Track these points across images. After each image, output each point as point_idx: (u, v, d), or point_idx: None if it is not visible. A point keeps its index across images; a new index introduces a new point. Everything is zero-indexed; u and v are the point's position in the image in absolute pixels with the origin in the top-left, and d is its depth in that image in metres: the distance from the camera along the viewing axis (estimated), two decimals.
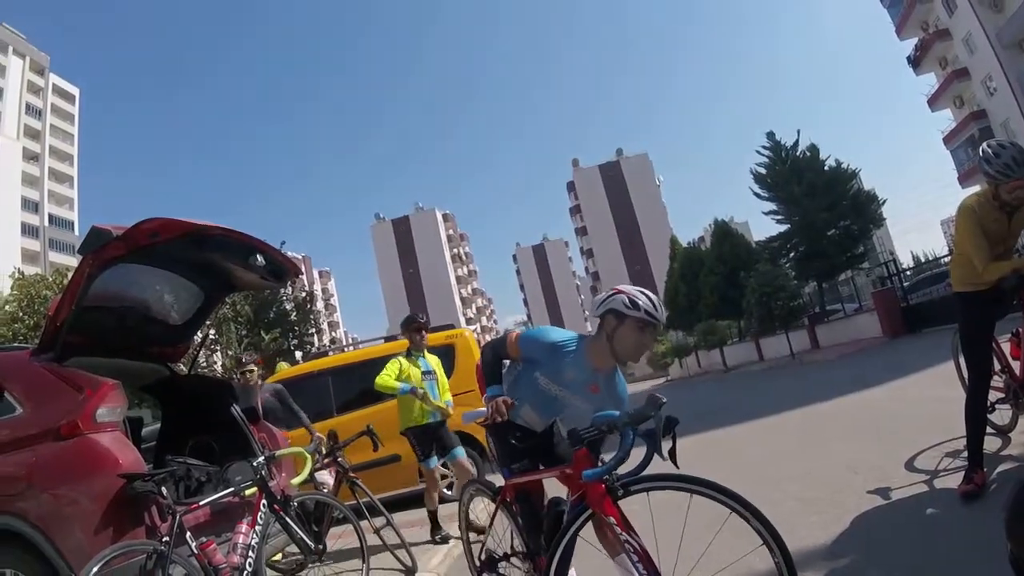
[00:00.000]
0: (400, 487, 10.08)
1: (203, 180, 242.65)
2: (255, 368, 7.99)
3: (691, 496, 2.84)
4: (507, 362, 4.10)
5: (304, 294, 32.12)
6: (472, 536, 4.60)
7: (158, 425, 6.63)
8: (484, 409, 3.78)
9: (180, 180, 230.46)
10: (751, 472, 7.13)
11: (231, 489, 4.55)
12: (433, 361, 7.57)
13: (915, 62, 53.51)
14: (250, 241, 5.20)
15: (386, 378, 7.01)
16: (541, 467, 3.86)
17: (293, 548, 5.04)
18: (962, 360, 5.21)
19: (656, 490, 2.91)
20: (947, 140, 51.27)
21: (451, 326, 10.87)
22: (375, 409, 9.69)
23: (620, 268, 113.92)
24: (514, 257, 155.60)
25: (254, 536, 4.39)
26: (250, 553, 4.30)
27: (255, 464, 4.63)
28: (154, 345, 6.08)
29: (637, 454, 2.92)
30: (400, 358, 7.27)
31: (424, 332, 7.46)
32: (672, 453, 2.91)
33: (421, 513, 8.00)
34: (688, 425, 12.55)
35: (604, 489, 2.95)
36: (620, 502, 2.98)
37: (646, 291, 3.54)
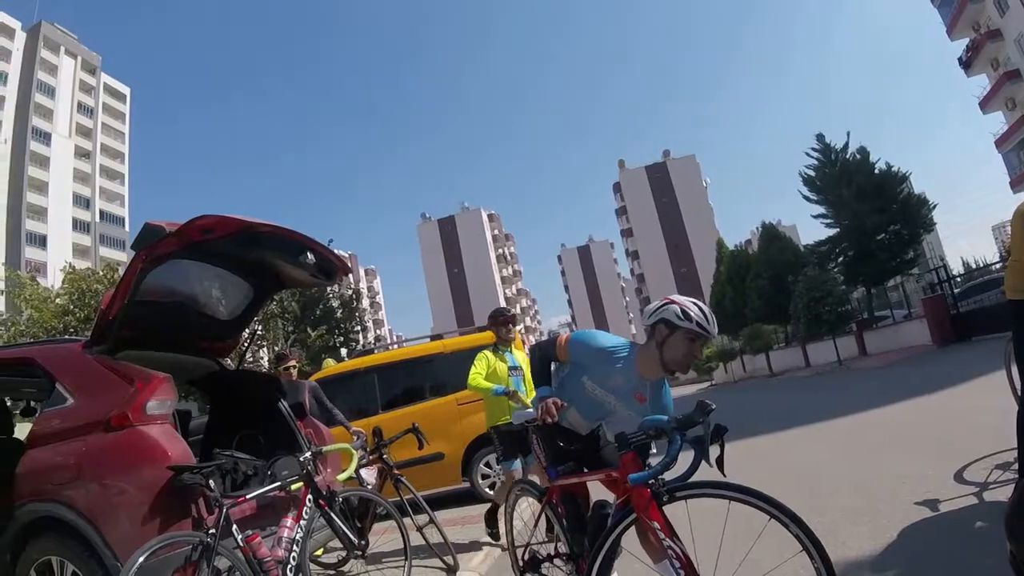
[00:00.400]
0: (444, 485, 10.12)
1: (251, 179, 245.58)
2: (296, 364, 8.04)
3: (729, 503, 2.83)
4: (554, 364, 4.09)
5: (350, 292, 32.30)
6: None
7: (205, 418, 6.70)
8: (532, 410, 3.79)
9: (228, 179, 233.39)
10: (797, 479, 7.08)
11: (278, 483, 4.59)
12: (520, 357, 7.16)
13: (966, 63, 52.89)
14: (301, 239, 5.24)
15: (477, 378, 6.68)
16: (586, 470, 3.86)
17: (337, 543, 5.08)
18: (1015, 370, 5.13)
19: (701, 497, 2.90)
20: (999, 143, 50.63)
21: None
22: (420, 407, 9.76)
23: (666, 270, 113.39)
24: (559, 258, 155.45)
25: (299, 530, 4.44)
26: (294, 547, 4.34)
27: (301, 459, 4.67)
28: (204, 340, 6.14)
29: (684, 460, 2.90)
30: (487, 352, 6.92)
31: (512, 325, 7.05)
32: (720, 460, 2.92)
33: (464, 511, 8.02)
34: (734, 430, 12.43)
35: (650, 494, 2.95)
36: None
37: (698, 302, 3.54)
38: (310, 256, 5.26)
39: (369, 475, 6.82)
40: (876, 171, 36.95)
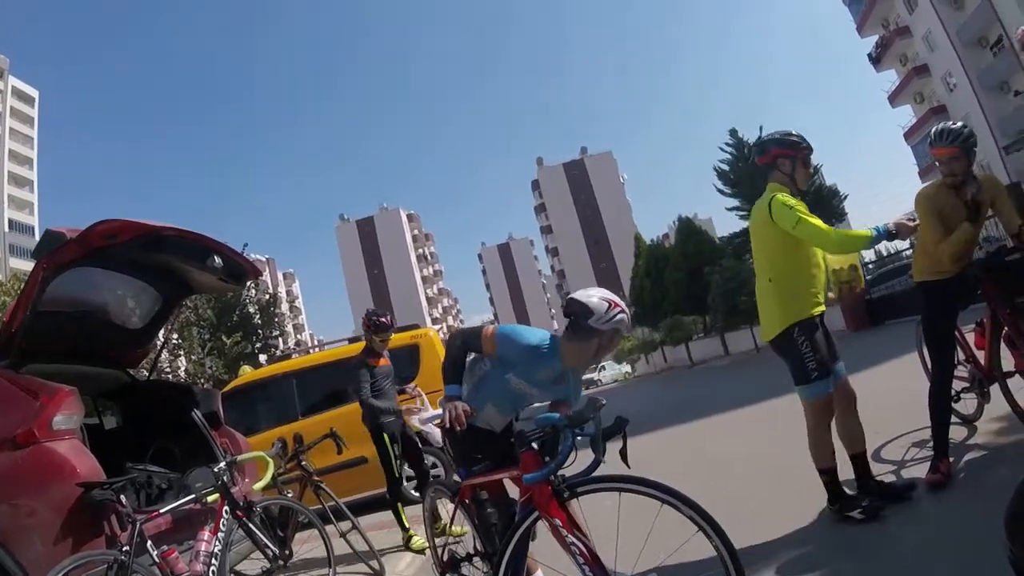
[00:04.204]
0: (369, 489, 10.00)
1: (167, 184, 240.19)
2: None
3: (620, 494, 2.84)
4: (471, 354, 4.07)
5: (267, 296, 31.81)
6: None
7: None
8: (440, 411, 3.74)
9: (142, 184, 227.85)
10: (718, 467, 7.18)
11: (192, 496, 4.48)
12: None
13: (876, 59, 54.43)
14: (207, 242, 5.15)
15: (813, 219, 4.35)
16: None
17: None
18: (926, 351, 5.26)
19: (600, 491, 2.92)
20: (908, 135, 52.21)
21: (416, 326, 10.77)
22: (341, 411, 9.60)
23: (586, 266, 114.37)
24: (479, 256, 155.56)
25: (216, 543, 4.32)
26: (213, 561, 4.23)
27: (216, 470, 4.56)
28: (113, 350, 5.99)
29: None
30: (783, 197, 4.51)
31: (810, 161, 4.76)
32: (623, 452, 2.96)
33: (387, 516, 7.90)
34: (655, 420, 12.59)
35: (550, 491, 2.96)
36: (589, 500, 2.99)
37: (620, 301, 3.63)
38: (217, 260, 5.18)
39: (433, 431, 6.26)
40: None
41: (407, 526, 6.67)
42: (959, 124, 4.70)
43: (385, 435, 6.71)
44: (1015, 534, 2.16)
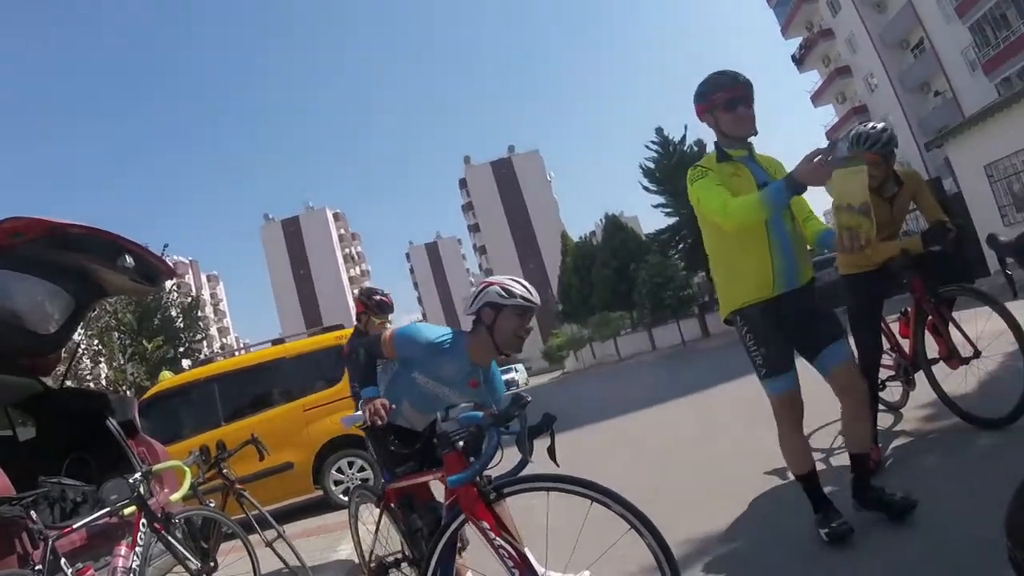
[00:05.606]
0: (297, 495, 9.83)
1: (84, 184, 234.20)
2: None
3: (548, 494, 2.81)
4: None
5: (190, 299, 31.28)
6: None
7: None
8: (361, 413, 3.67)
9: (60, 184, 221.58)
10: (650, 461, 7.22)
11: (107, 509, 4.28)
12: (769, 163, 4.06)
13: (799, 60, 56.20)
14: (117, 240, 4.96)
15: (724, 198, 3.64)
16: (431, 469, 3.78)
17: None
18: (852, 341, 5.35)
19: (527, 491, 2.88)
20: (829, 134, 54.18)
21: (341, 326, 10.57)
22: (265, 416, 9.41)
23: (514, 264, 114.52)
24: (407, 255, 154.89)
25: (135, 559, 4.13)
26: None
27: (132, 481, 4.37)
28: (22, 356, 5.74)
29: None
30: (704, 166, 3.89)
31: (751, 108, 3.83)
32: (551, 450, 2.95)
33: (320, 520, 7.78)
34: (585, 416, 12.60)
35: (476, 493, 2.90)
36: (519, 500, 2.98)
37: (516, 278, 3.56)
38: (128, 259, 4.99)
39: None
40: None
41: None
42: (879, 127, 4.84)
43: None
44: (1014, 534, 2.12)
